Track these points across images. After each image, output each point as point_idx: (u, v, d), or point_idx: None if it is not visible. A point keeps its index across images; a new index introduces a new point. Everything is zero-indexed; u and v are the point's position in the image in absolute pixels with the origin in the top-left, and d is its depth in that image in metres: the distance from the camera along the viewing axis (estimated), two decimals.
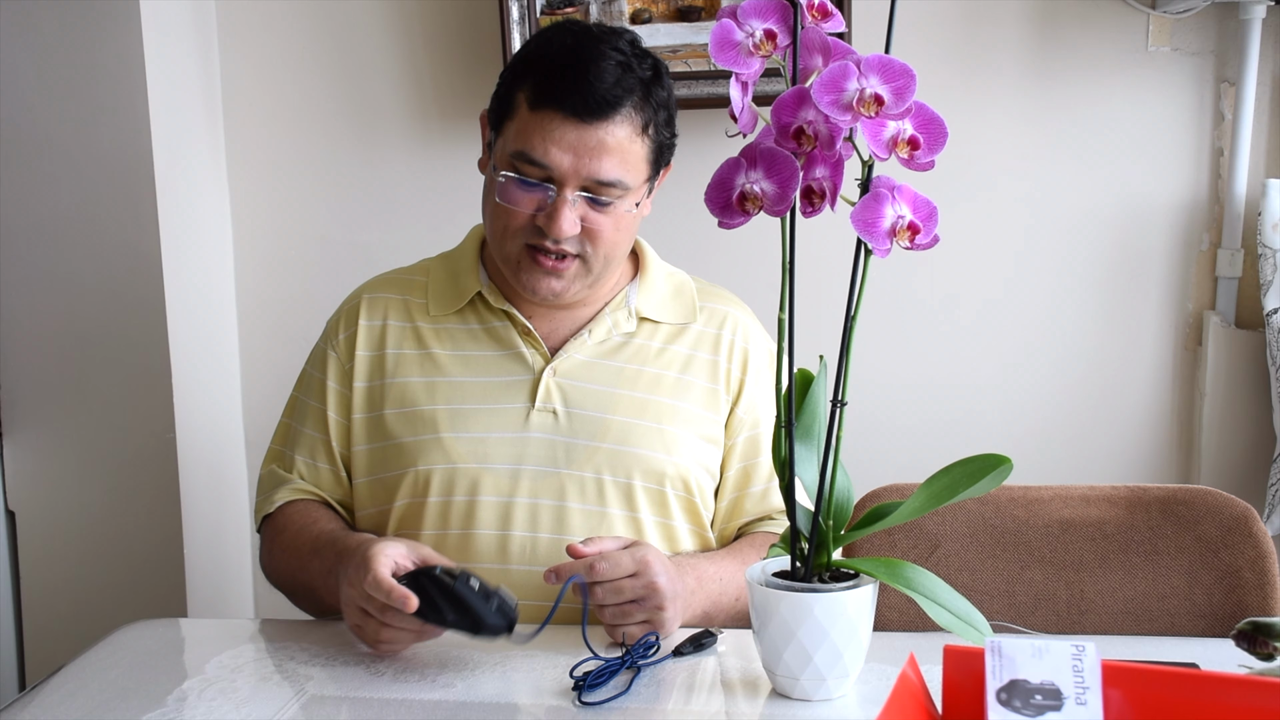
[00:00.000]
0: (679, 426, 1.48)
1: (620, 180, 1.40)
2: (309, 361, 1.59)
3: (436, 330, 1.51)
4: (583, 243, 1.42)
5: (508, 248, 1.44)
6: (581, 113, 1.37)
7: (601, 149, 1.38)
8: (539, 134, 1.38)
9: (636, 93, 1.39)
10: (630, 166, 1.40)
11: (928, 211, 1.05)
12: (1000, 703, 0.94)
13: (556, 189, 1.39)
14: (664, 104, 1.44)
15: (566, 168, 1.38)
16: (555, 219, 1.39)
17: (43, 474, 2.12)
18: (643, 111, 1.40)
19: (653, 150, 1.43)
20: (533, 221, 1.41)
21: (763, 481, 1.52)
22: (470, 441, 1.45)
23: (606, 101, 1.37)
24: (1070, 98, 2.13)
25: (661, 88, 1.43)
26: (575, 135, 1.37)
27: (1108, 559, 1.52)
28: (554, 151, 1.37)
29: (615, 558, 1.26)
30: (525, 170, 1.39)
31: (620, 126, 1.38)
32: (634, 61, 1.40)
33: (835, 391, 1.11)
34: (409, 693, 1.19)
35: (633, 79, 1.39)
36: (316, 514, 1.49)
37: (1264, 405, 2.11)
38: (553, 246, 1.41)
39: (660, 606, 1.26)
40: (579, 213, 1.40)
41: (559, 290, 1.45)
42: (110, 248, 2.05)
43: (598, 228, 1.41)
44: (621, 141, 1.39)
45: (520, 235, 1.43)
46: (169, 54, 2.08)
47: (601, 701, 1.15)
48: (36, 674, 2.15)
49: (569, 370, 1.48)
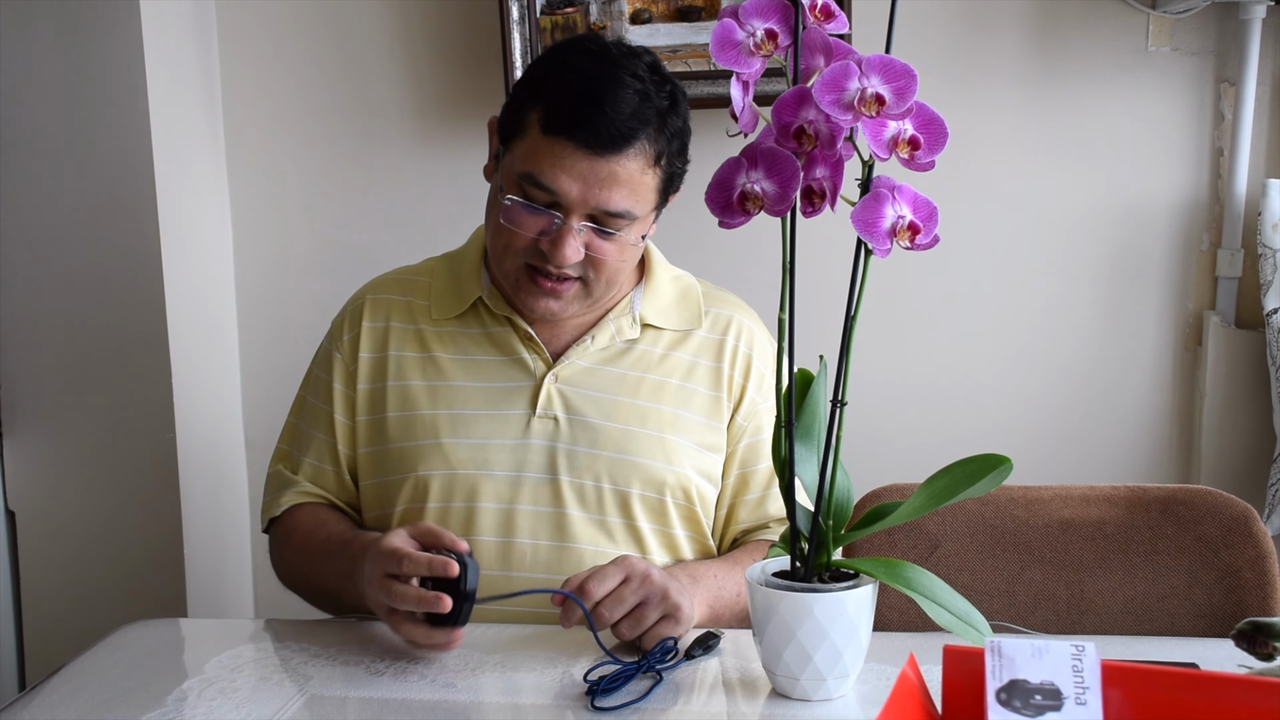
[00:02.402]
0: (680, 435, 1.47)
1: (628, 211, 1.38)
2: (315, 361, 1.58)
3: (439, 333, 1.51)
4: (585, 268, 1.41)
5: (507, 265, 1.43)
6: (595, 145, 1.34)
7: (612, 180, 1.36)
8: (549, 160, 1.35)
9: (652, 124, 1.37)
10: (640, 198, 1.39)
11: (928, 211, 1.05)
12: (1000, 703, 0.94)
13: (563, 216, 1.37)
14: (678, 133, 1.41)
15: (575, 197, 1.36)
16: (559, 247, 1.37)
17: (43, 474, 2.12)
18: (656, 143, 1.38)
19: (663, 180, 1.41)
20: (536, 244, 1.39)
21: (759, 489, 1.51)
22: (470, 447, 1.45)
23: (621, 135, 1.34)
24: (1070, 98, 2.13)
25: (677, 116, 1.41)
26: (586, 166, 1.35)
27: (1108, 559, 1.52)
28: (563, 179, 1.35)
29: (601, 573, 1.25)
30: (532, 194, 1.37)
31: (633, 160, 1.36)
32: (652, 90, 1.37)
33: (835, 391, 1.11)
34: (409, 693, 1.19)
35: (650, 110, 1.36)
36: (324, 517, 1.49)
37: (1264, 405, 2.11)
38: (554, 270, 1.40)
39: (666, 596, 1.25)
40: (583, 240, 1.39)
41: (556, 310, 1.44)
42: (110, 248, 2.05)
43: (602, 255, 1.40)
44: (633, 174, 1.37)
45: (522, 255, 1.41)
46: (169, 54, 2.08)
47: (618, 706, 1.14)
48: (36, 674, 2.15)
49: (571, 377, 1.47)
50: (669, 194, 1.46)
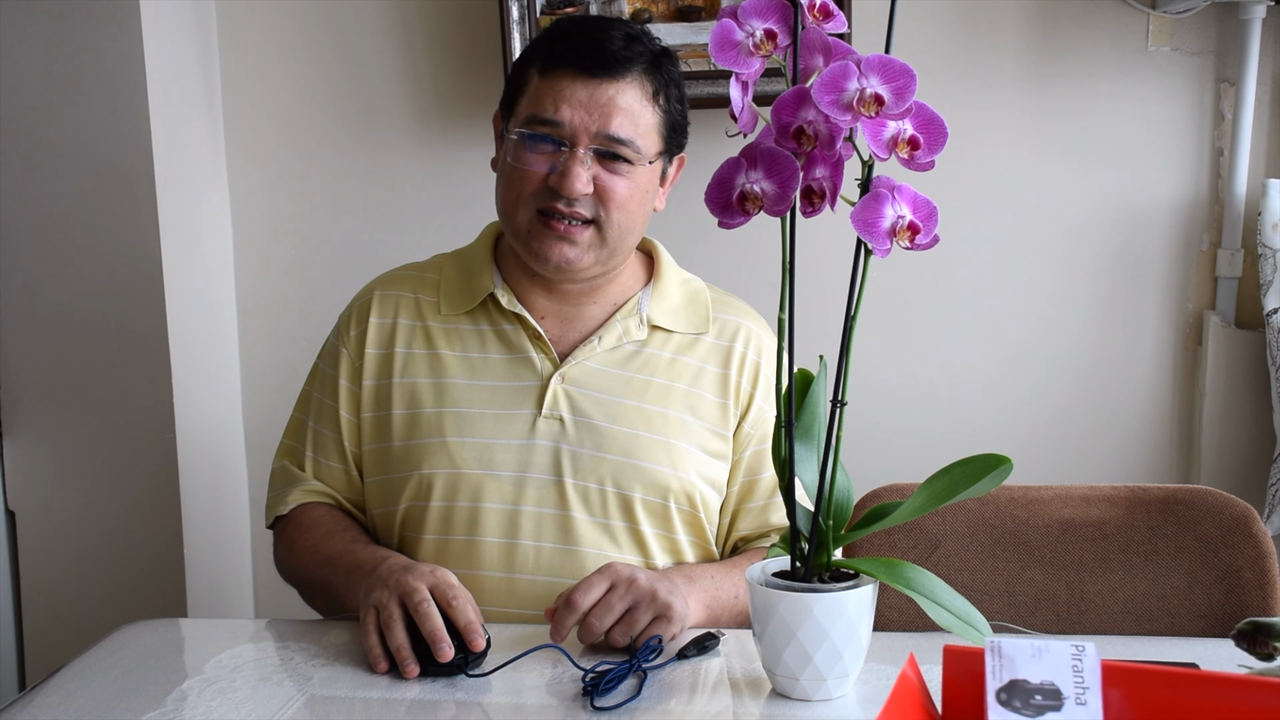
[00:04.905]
0: (686, 441, 1.46)
1: (632, 140, 1.41)
2: (321, 356, 1.58)
3: (446, 330, 1.51)
4: (596, 205, 1.42)
5: (519, 217, 1.44)
6: (592, 69, 1.40)
7: (612, 106, 1.40)
8: (550, 94, 1.40)
9: (645, 59, 1.43)
10: (641, 130, 1.42)
11: (928, 211, 1.05)
12: (1000, 703, 0.94)
13: (569, 147, 1.40)
14: (674, 80, 1.46)
15: (578, 124, 1.40)
16: (568, 176, 1.40)
17: (43, 474, 2.12)
18: (652, 78, 1.43)
19: (664, 122, 1.45)
20: (545, 184, 1.42)
21: (763, 497, 1.51)
22: (475, 447, 1.44)
23: (616, 60, 1.40)
24: (1070, 97, 2.13)
25: (672, 64, 1.47)
26: (586, 92, 1.40)
27: (1108, 559, 1.52)
28: (565, 108, 1.40)
29: (586, 584, 1.25)
30: (538, 131, 1.41)
31: (629, 88, 1.41)
32: (642, 36, 1.44)
33: (835, 391, 1.11)
34: (409, 693, 1.19)
35: (641, 48, 1.43)
36: (331, 524, 1.48)
37: (1264, 405, 2.11)
38: (565, 209, 1.41)
39: (655, 597, 1.25)
40: (591, 172, 1.41)
41: (572, 259, 1.44)
42: (110, 248, 2.05)
43: (610, 189, 1.42)
44: (632, 103, 1.41)
45: (533, 200, 1.43)
46: (169, 54, 2.08)
47: (614, 706, 1.14)
48: (36, 674, 2.15)
49: (577, 378, 1.47)
50: (674, 146, 1.48)
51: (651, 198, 1.47)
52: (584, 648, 1.27)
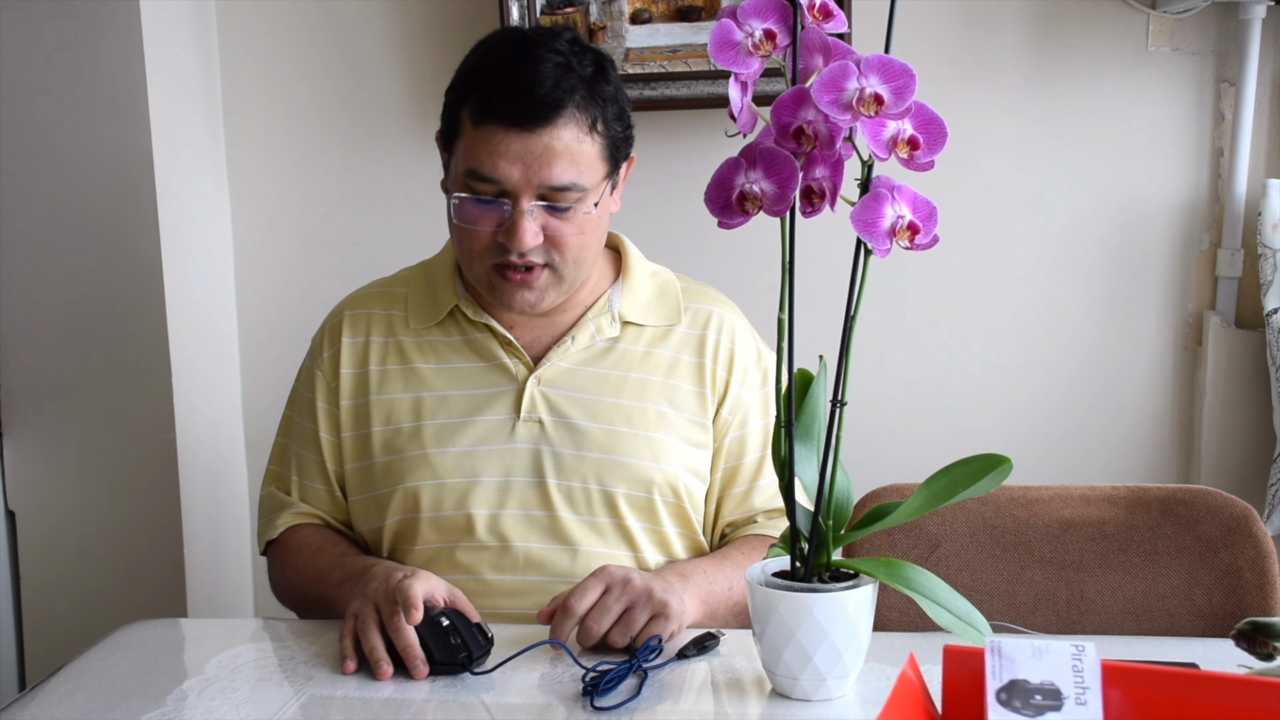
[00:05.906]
0: (666, 433, 1.47)
1: (575, 183, 1.37)
2: (298, 379, 1.59)
3: (419, 344, 1.50)
4: (549, 252, 1.40)
5: (476, 270, 1.43)
6: (523, 121, 1.34)
7: (550, 155, 1.35)
8: (485, 149, 1.36)
9: (579, 91, 1.37)
10: (583, 167, 1.38)
11: (928, 211, 1.05)
12: (1000, 703, 0.94)
13: (512, 202, 1.37)
14: (611, 98, 1.41)
15: (517, 179, 1.36)
16: (515, 232, 1.37)
17: (43, 474, 2.12)
18: (587, 110, 1.38)
19: (606, 147, 1.41)
20: (495, 239, 1.39)
21: (745, 482, 1.51)
22: (457, 456, 1.45)
23: (547, 105, 1.35)
24: (1070, 97, 2.13)
25: (607, 83, 1.41)
26: (520, 145, 1.35)
27: (1108, 559, 1.52)
28: (502, 165, 1.35)
29: (581, 588, 1.26)
30: (478, 188, 1.38)
31: (565, 129, 1.36)
32: (573, 60, 1.38)
33: (835, 391, 1.11)
34: (409, 693, 1.19)
35: (573, 79, 1.37)
36: (320, 541, 1.49)
37: (1264, 405, 2.11)
38: (518, 260, 1.39)
39: (651, 596, 1.25)
40: (539, 222, 1.38)
41: (534, 301, 1.43)
42: (110, 248, 2.05)
43: (560, 235, 1.39)
44: (569, 144, 1.36)
45: (486, 256, 1.41)
46: (169, 54, 2.08)
47: (614, 706, 1.14)
48: (36, 674, 2.15)
49: (553, 379, 1.47)
50: (619, 161, 1.45)
51: (604, 217, 1.45)
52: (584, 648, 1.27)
